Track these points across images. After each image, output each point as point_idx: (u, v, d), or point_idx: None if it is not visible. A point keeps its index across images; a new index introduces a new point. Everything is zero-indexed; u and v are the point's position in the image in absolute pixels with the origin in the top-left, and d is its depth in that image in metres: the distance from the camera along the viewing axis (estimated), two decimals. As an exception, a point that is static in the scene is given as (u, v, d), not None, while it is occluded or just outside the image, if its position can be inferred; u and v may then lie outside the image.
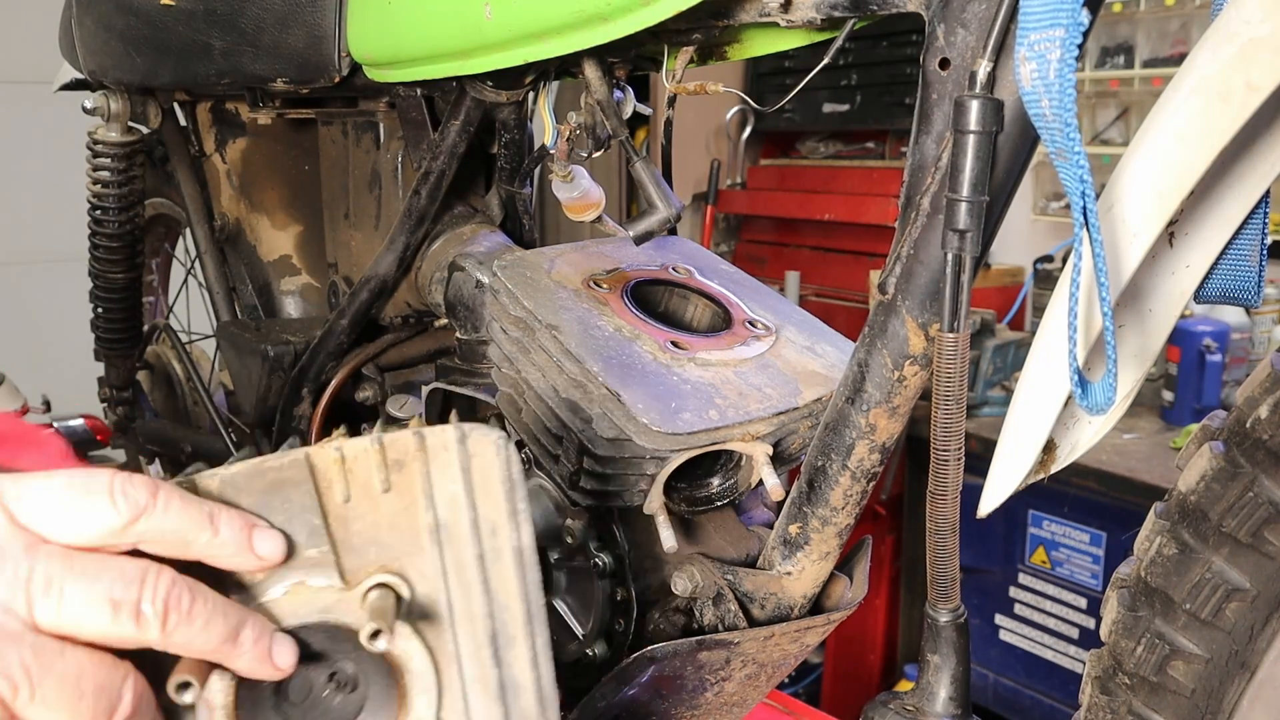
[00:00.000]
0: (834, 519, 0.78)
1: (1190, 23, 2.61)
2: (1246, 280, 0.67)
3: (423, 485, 0.54)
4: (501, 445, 0.55)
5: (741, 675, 0.85)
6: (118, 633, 0.48)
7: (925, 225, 0.66)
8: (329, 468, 0.53)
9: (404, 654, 0.55)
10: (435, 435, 0.54)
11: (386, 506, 0.54)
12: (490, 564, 0.56)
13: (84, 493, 0.49)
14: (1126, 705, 0.70)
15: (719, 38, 0.85)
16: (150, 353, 1.73)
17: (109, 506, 0.49)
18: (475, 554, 0.55)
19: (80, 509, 0.49)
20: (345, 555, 0.54)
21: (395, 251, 1.13)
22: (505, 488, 0.55)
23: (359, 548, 0.54)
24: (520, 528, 0.56)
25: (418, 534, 0.55)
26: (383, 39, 0.97)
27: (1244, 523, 0.63)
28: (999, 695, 2.59)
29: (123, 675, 0.49)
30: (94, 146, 1.47)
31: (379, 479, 0.54)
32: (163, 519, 0.49)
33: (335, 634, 0.55)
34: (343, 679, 0.56)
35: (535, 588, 0.57)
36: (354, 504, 0.54)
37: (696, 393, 0.79)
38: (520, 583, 0.56)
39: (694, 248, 1.00)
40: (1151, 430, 2.42)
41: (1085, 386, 0.60)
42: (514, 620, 0.56)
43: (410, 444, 0.53)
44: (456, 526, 0.55)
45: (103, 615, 0.47)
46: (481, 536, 0.55)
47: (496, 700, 0.56)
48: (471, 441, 0.54)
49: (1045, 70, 0.55)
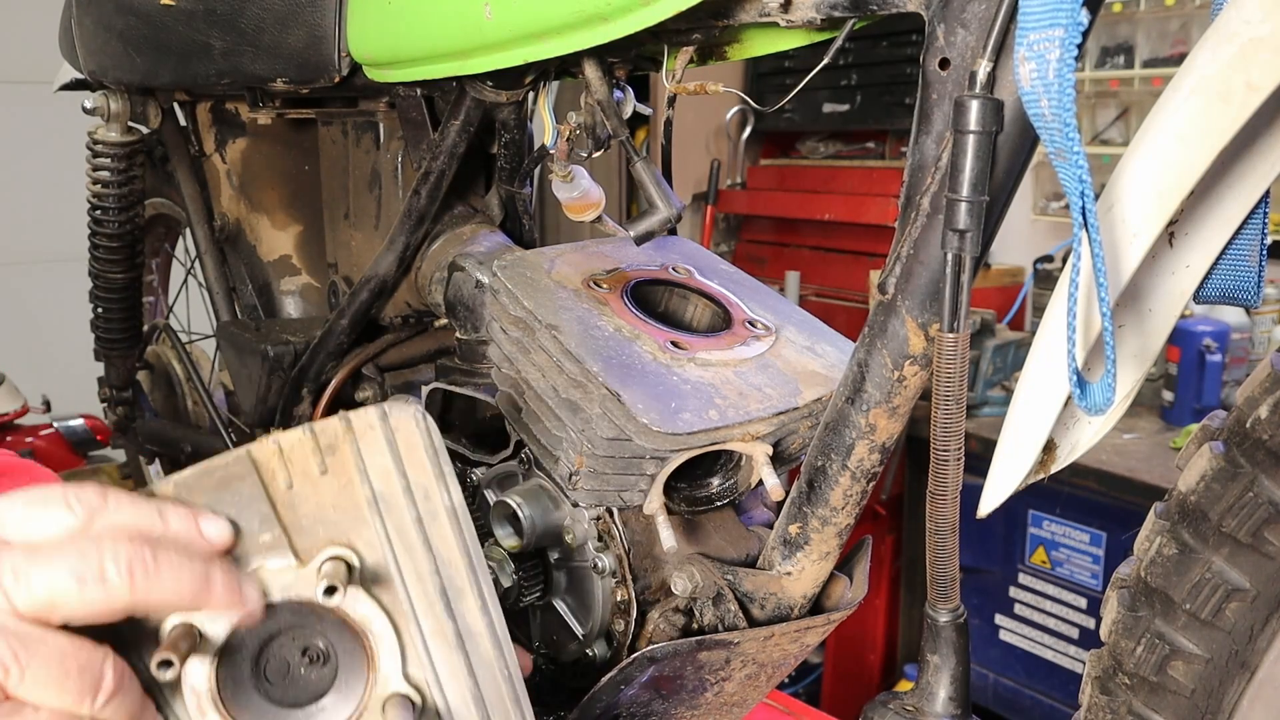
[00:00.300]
0: (834, 519, 0.78)
1: (1190, 23, 2.61)
2: (1246, 280, 0.67)
3: (356, 463, 0.60)
4: (420, 417, 0.61)
5: (741, 675, 0.85)
6: (89, 601, 0.51)
7: (925, 225, 0.66)
8: (269, 459, 0.59)
9: (364, 618, 0.60)
10: (359, 417, 0.59)
11: (327, 487, 0.60)
12: (428, 525, 0.61)
13: (41, 503, 0.54)
14: (1126, 705, 0.70)
15: (719, 38, 0.85)
16: (150, 353, 1.73)
17: (65, 511, 0.53)
18: (413, 517, 0.61)
19: (40, 516, 0.53)
20: (296, 536, 0.59)
21: (395, 251, 1.13)
22: (429, 454, 0.61)
23: (308, 528, 0.59)
24: (449, 488, 0.62)
25: (359, 507, 0.60)
26: (383, 39, 0.97)
27: (1244, 523, 0.63)
28: (999, 695, 2.59)
29: (102, 656, 0.52)
30: (94, 146, 1.47)
31: (315, 463, 0.59)
32: (115, 516, 0.54)
33: (301, 611, 0.59)
34: (315, 654, 0.60)
35: (473, 541, 0.62)
36: (297, 489, 0.59)
37: (696, 393, 0.79)
38: (459, 538, 0.62)
39: (694, 248, 1.00)
40: (1151, 430, 2.42)
41: (1084, 387, 0.60)
42: (459, 573, 0.62)
43: (338, 428, 0.59)
44: (392, 496, 0.60)
45: (70, 587, 0.51)
46: (416, 501, 0.61)
47: (456, 649, 0.61)
48: (393, 418, 0.60)
49: (1044, 70, 0.55)
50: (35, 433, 2.71)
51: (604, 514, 0.86)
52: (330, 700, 0.60)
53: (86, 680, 0.52)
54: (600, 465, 0.80)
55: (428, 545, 0.61)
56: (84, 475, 2.52)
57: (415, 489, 0.61)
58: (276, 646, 0.59)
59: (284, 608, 0.59)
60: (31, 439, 2.68)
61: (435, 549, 0.61)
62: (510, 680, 0.63)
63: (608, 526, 0.86)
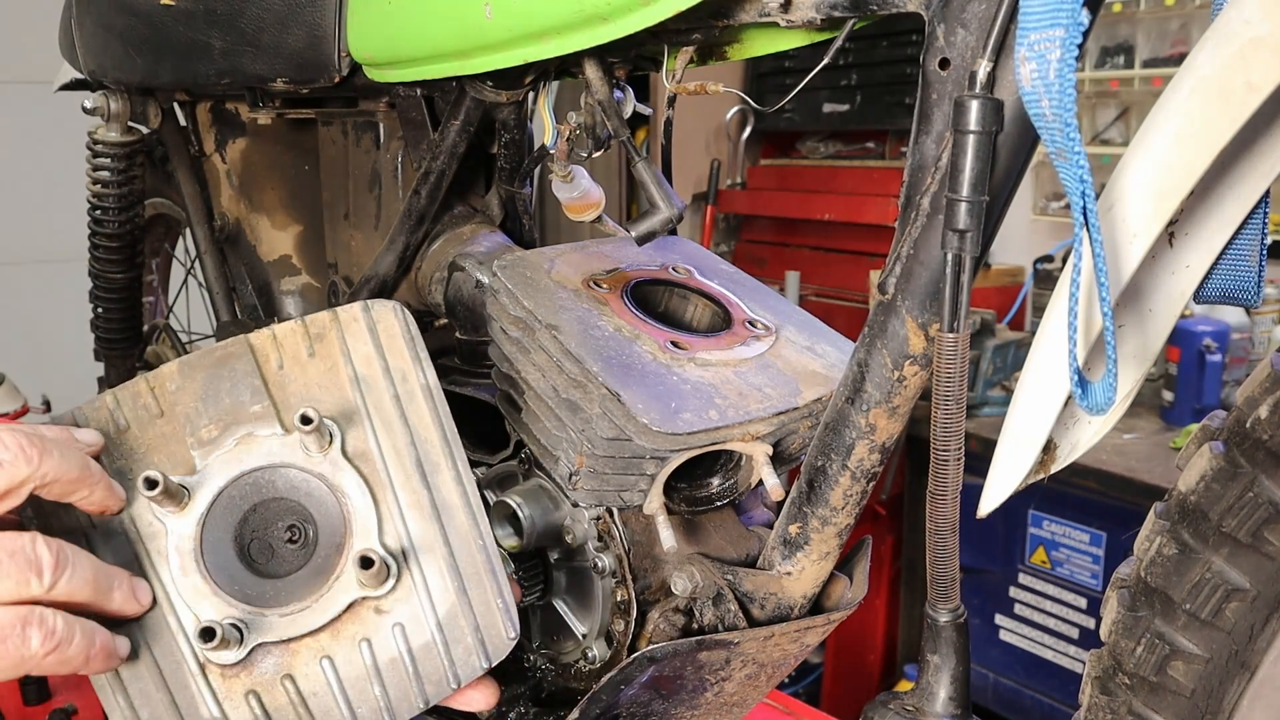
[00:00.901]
0: (834, 519, 0.78)
1: (1190, 23, 2.61)
2: (1246, 280, 0.67)
3: (340, 348, 0.66)
4: (399, 310, 0.67)
5: (741, 675, 0.85)
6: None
7: (925, 225, 0.66)
8: (264, 344, 0.65)
9: (342, 484, 0.64)
10: (345, 310, 0.67)
11: (314, 369, 0.66)
12: (406, 403, 0.66)
13: None
14: (1126, 705, 0.70)
15: (719, 38, 0.85)
16: (150, 353, 1.73)
17: None
18: (391, 395, 0.66)
19: None
20: (284, 411, 0.65)
21: (395, 251, 1.13)
22: (406, 340, 0.67)
23: (295, 404, 0.65)
24: (425, 370, 0.68)
25: (342, 386, 0.66)
26: (383, 39, 0.97)
27: (1244, 523, 0.63)
28: (999, 695, 2.59)
29: (30, 539, 0.56)
30: (94, 146, 1.47)
31: (305, 348, 0.65)
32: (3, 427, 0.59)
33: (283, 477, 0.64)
34: (295, 533, 0.64)
35: (448, 419, 0.68)
36: (287, 369, 0.65)
37: (696, 393, 0.79)
38: (434, 415, 0.67)
39: (694, 248, 1.00)
40: (1151, 430, 2.42)
41: (1085, 387, 0.60)
42: (435, 448, 0.67)
43: (326, 319, 0.66)
44: (373, 377, 0.66)
45: None
46: (394, 381, 0.67)
47: (432, 520, 0.65)
48: (374, 310, 0.67)
49: (1045, 70, 0.55)
50: (35, 433, 2.70)
51: (604, 514, 0.86)
52: (307, 571, 0.64)
53: (20, 562, 0.55)
54: (600, 465, 0.80)
55: (405, 421, 0.66)
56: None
57: (394, 371, 0.66)
58: (259, 520, 0.64)
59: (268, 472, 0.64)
60: (31, 439, 2.67)
61: (412, 425, 0.66)
62: (485, 550, 0.66)
63: (608, 526, 0.86)
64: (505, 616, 0.66)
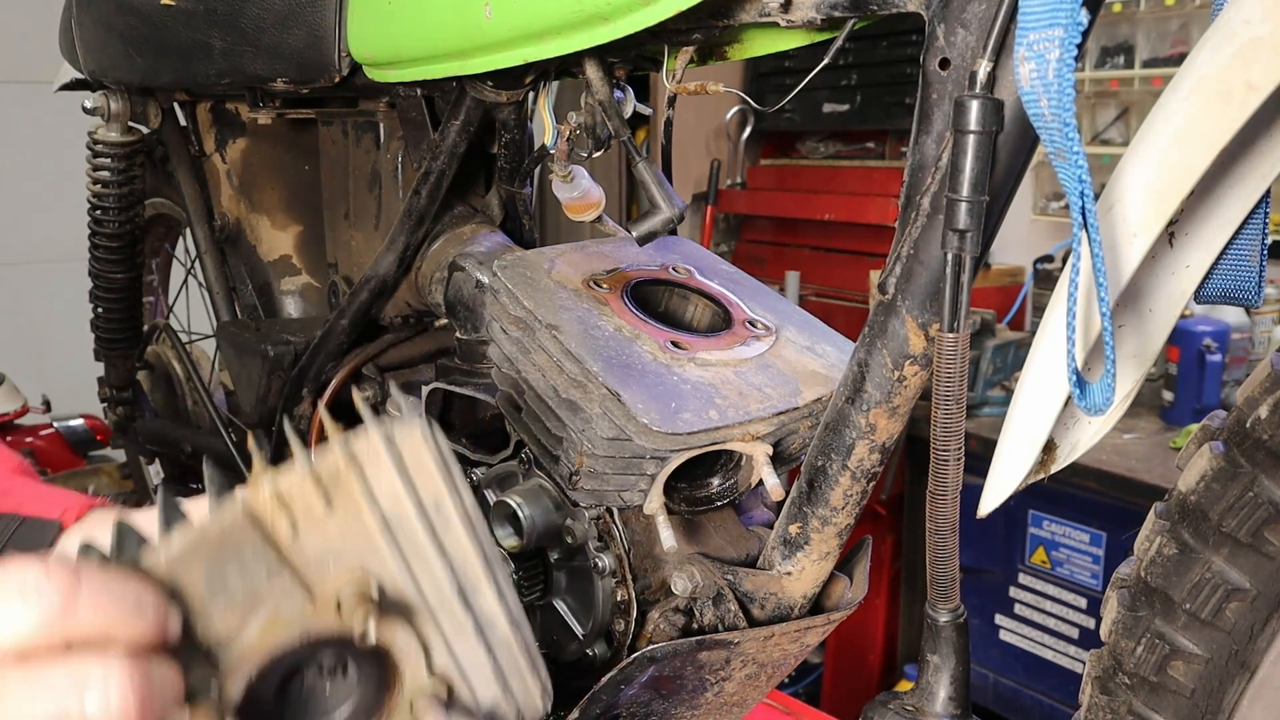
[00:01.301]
0: (834, 519, 0.78)
1: (1190, 23, 2.61)
2: (1246, 280, 0.67)
3: (363, 490, 0.57)
4: (426, 433, 0.58)
5: (741, 675, 0.85)
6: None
7: (925, 225, 0.66)
8: (268, 510, 0.55)
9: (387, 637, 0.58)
10: (364, 445, 0.56)
11: (334, 521, 0.56)
12: (442, 534, 0.59)
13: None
14: (1126, 705, 0.70)
15: (719, 38, 0.85)
16: (150, 353, 1.73)
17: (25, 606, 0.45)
18: (425, 528, 0.59)
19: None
20: (307, 573, 0.56)
21: (395, 251, 1.13)
22: (439, 466, 0.58)
23: (318, 566, 0.56)
24: (461, 493, 0.59)
25: (370, 534, 0.57)
26: (383, 39, 0.97)
27: (1244, 523, 0.63)
28: (999, 695, 2.59)
29: None
30: (94, 146, 1.47)
31: (319, 501, 0.56)
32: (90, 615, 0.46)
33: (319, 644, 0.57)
34: (330, 667, 0.59)
35: (486, 537, 0.61)
36: (302, 532, 0.56)
37: (696, 393, 0.79)
38: (473, 540, 0.60)
39: (694, 248, 1.00)
40: (1151, 430, 2.41)
41: (1084, 387, 0.60)
42: (474, 570, 0.60)
43: (340, 462, 0.56)
44: (403, 515, 0.58)
45: None
46: (429, 514, 0.58)
47: (476, 640, 0.61)
48: (399, 439, 0.57)
49: (1044, 70, 0.55)
50: (35, 433, 2.71)
51: (604, 514, 0.86)
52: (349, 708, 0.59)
53: None
54: (600, 465, 0.80)
55: (442, 552, 0.59)
56: (84, 475, 2.52)
57: (426, 503, 0.58)
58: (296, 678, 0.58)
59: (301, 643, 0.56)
60: (31, 439, 2.67)
61: (450, 554, 0.60)
62: (526, 649, 0.62)
63: (608, 526, 0.86)
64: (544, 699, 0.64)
